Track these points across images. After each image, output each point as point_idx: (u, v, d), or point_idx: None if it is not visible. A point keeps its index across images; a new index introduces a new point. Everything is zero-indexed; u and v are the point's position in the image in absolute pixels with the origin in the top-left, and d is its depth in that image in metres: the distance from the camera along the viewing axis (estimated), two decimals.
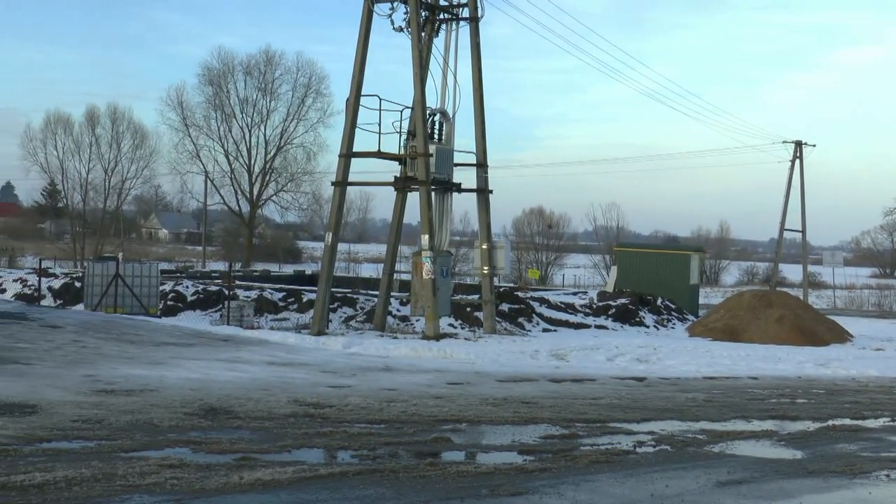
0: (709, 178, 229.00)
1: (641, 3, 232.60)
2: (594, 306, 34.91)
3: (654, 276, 41.09)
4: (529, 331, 29.77)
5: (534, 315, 31.48)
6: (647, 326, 33.82)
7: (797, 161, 57.75)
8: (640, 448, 9.98)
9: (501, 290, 33.91)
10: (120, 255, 41.36)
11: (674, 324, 35.22)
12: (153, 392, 11.94)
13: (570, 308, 33.98)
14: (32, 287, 39.29)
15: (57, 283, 39.87)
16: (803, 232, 59.43)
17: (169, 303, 34.30)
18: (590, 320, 33.00)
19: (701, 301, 47.13)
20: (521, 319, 30.75)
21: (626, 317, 33.95)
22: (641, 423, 11.64)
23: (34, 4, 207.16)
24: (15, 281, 42.29)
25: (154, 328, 21.39)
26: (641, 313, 34.82)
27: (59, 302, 36.94)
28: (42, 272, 39.79)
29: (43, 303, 35.12)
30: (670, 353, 23.32)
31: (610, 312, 34.11)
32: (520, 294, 34.63)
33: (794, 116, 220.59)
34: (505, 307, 30.79)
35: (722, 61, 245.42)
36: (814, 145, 58.25)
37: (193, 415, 10.45)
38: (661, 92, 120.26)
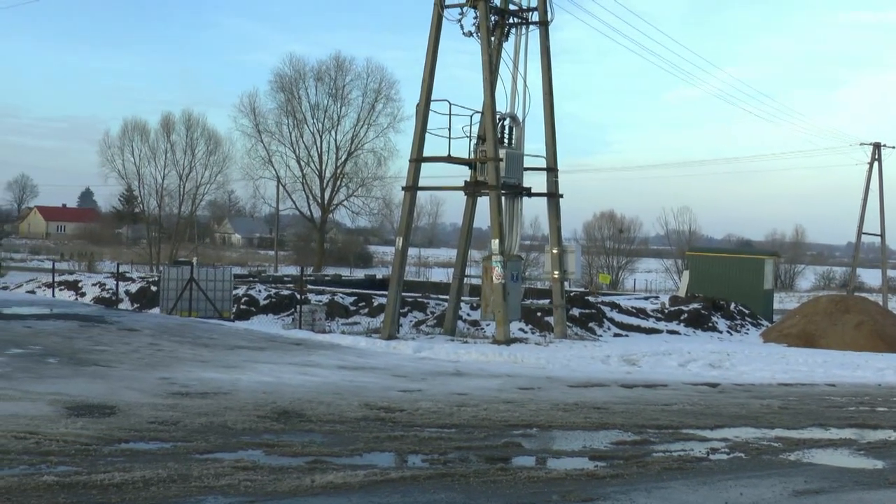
0: (783, 182, 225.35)
1: (715, 6, 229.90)
2: (666, 311, 34.56)
3: (727, 281, 40.53)
4: (600, 336, 29.56)
5: (605, 320, 31.26)
6: (720, 332, 33.37)
7: (876, 163, 56.61)
8: (714, 455, 9.84)
9: (572, 294, 33.72)
10: (194, 260, 41.83)
11: (747, 329, 34.71)
12: (227, 395, 12.09)
13: (641, 313, 33.67)
14: (110, 291, 40.04)
15: (134, 287, 40.58)
16: (882, 236, 58.22)
17: (242, 307, 34.71)
18: (661, 325, 32.67)
19: (775, 306, 46.36)
20: (591, 324, 30.55)
21: (698, 322, 33.54)
22: (715, 430, 11.48)
23: (113, 15, 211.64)
24: (94, 285, 43.14)
25: (227, 332, 21.66)
26: (714, 318, 34.38)
27: (135, 305, 37.59)
28: (119, 276, 40.52)
29: (120, 306, 35.75)
30: (744, 359, 22.98)
31: (682, 317, 33.73)
32: (590, 298, 34.41)
33: (872, 118, 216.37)
34: (575, 312, 30.62)
35: (797, 63, 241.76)
36: (893, 147, 57.09)
37: (266, 418, 10.55)
38: (735, 94, 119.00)
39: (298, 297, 33.82)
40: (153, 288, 38.50)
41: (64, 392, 11.54)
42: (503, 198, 25.79)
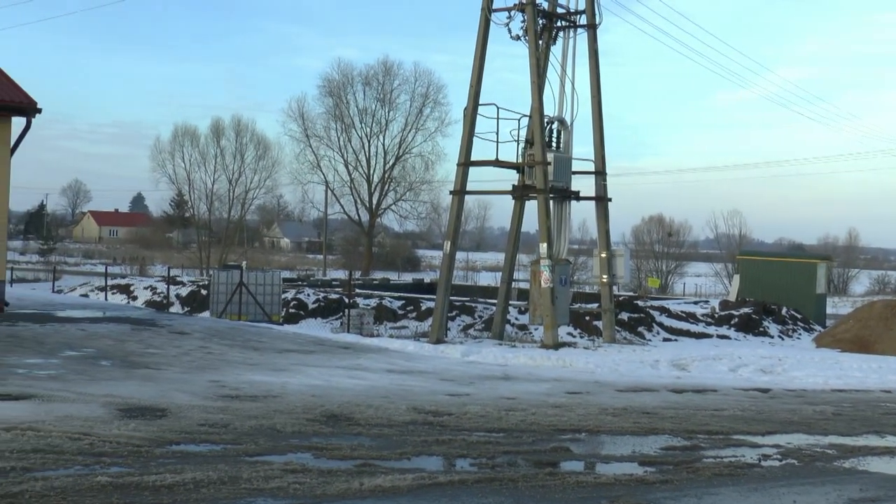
0: (836, 184, 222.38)
1: (765, 7, 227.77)
2: (716, 315, 34.26)
3: (778, 285, 40.09)
4: (649, 340, 29.39)
5: (654, 324, 31.07)
6: (772, 337, 33.02)
7: None
8: (766, 461, 9.73)
9: (621, 298, 33.55)
10: (244, 264, 42.23)
11: (799, 334, 34.30)
12: (276, 398, 12.17)
13: (690, 317, 33.41)
14: (161, 294, 40.50)
15: (184, 291, 41.00)
16: None
17: (291, 310, 34.94)
18: (711, 330, 32.40)
19: (828, 311, 45.76)
20: (640, 328, 30.38)
21: (749, 326, 33.22)
22: (766, 436, 11.35)
23: (164, 22, 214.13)
24: (146, 288, 43.66)
25: (277, 335, 21.80)
26: (765, 323, 34.03)
27: (186, 309, 37.96)
28: (170, 280, 40.98)
29: (171, 310, 36.14)
30: (796, 364, 22.71)
31: (732, 322, 33.43)
32: (639, 303, 34.21)
33: None
34: (624, 316, 30.46)
35: (848, 64, 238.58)
36: None
37: (315, 421, 10.61)
38: (786, 97, 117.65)
39: (347, 300, 33.99)
40: (203, 292, 38.88)
41: (116, 394, 11.68)
42: (551, 201, 25.73)
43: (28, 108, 22.18)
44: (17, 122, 22.47)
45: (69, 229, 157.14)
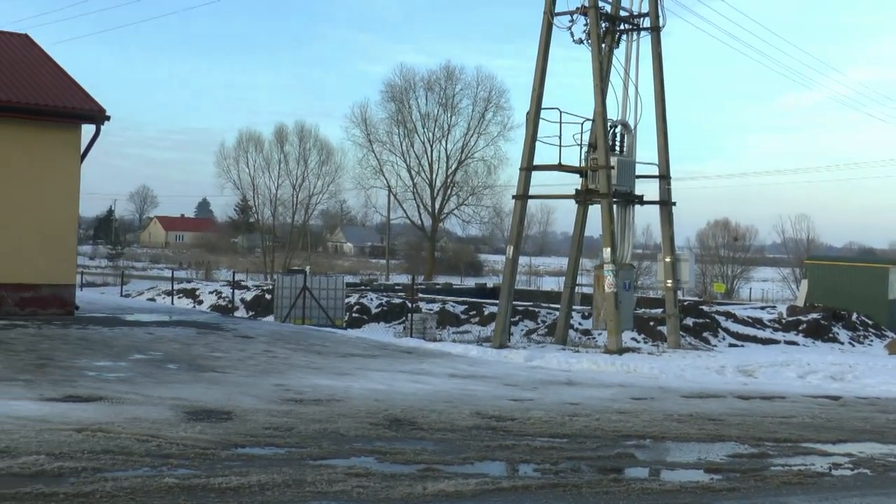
0: None
1: (832, 8, 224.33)
2: (783, 321, 33.75)
3: (848, 291, 39.38)
4: (715, 346, 29.04)
5: (719, 330, 30.70)
6: (841, 343, 32.43)
7: None
8: (836, 470, 9.55)
9: (685, 303, 33.22)
10: (307, 269, 42.55)
11: (871, 341, 33.65)
12: (340, 402, 12.23)
13: (757, 323, 32.96)
14: (226, 299, 40.97)
15: (249, 295, 41.44)
16: None
17: (354, 315, 35.12)
18: (778, 336, 31.92)
19: None
20: (705, 334, 30.04)
21: (817, 332, 32.66)
22: (837, 445, 11.13)
23: (228, 30, 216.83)
24: (211, 293, 44.19)
25: (340, 340, 21.92)
26: (835, 329, 33.43)
27: (250, 313, 38.34)
28: (235, 285, 41.43)
29: (236, 314, 36.51)
30: (868, 371, 22.26)
31: (800, 328, 32.90)
32: (704, 308, 33.84)
33: None
34: (689, 321, 30.14)
35: None
36: None
37: (378, 425, 10.64)
38: (856, 98, 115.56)
39: (409, 305, 34.08)
40: (267, 296, 39.23)
41: (183, 397, 11.83)
42: (615, 206, 25.55)
43: (97, 116, 22.58)
44: (87, 130, 22.92)
45: (137, 234, 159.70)
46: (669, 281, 27.30)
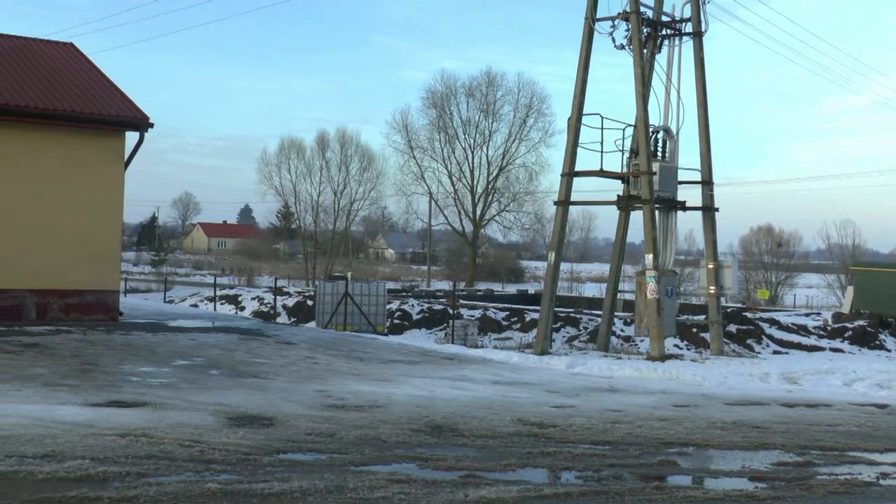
0: None
1: (878, 10, 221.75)
2: (828, 328, 33.38)
3: (895, 297, 38.85)
4: (758, 353, 28.78)
5: (763, 336, 30.43)
6: (889, 350, 32.00)
7: None
8: (884, 480, 9.39)
9: (729, 310, 32.95)
10: (349, 275, 42.73)
11: None
12: (381, 408, 12.24)
13: (801, 330, 32.63)
14: (268, 305, 41.21)
15: (290, 302, 41.66)
16: None
17: (395, 321, 35.20)
18: (824, 343, 31.57)
19: None
20: (749, 341, 29.79)
21: (864, 340, 32.27)
22: (885, 454, 10.96)
23: (271, 37, 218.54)
24: (253, 299, 44.50)
25: (381, 346, 21.95)
26: (882, 336, 33.00)
27: (292, 319, 38.54)
28: (277, 291, 41.67)
29: (278, 320, 36.72)
30: None
31: (846, 335, 32.52)
32: (748, 315, 33.56)
33: None
34: (732, 328, 29.91)
35: None
36: None
37: (420, 431, 10.63)
38: None
39: (451, 311, 34.09)
40: (309, 302, 39.44)
41: (225, 403, 11.89)
42: (657, 212, 25.42)
43: (141, 123, 22.81)
44: (131, 137, 23.16)
45: (179, 241, 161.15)
46: (712, 287, 27.10)
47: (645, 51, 26.07)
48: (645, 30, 26.19)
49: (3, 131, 21.55)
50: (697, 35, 26.90)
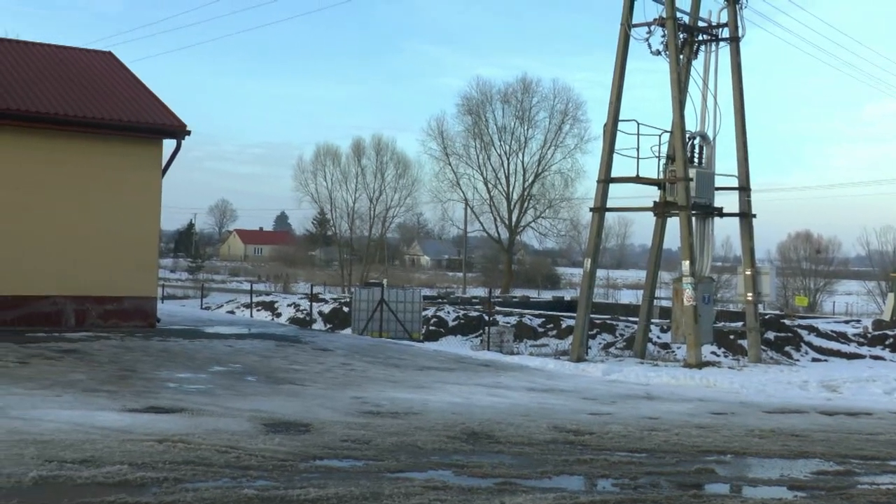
0: None
1: None
2: (869, 335, 33.00)
3: None
4: (797, 360, 28.51)
5: (801, 344, 30.14)
6: None
7: None
8: None
9: (766, 317, 32.67)
10: (384, 282, 42.81)
11: None
12: (417, 415, 12.24)
13: (841, 337, 32.28)
14: (304, 312, 41.34)
15: (326, 308, 41.77)
16: None
17: (431, 328, 35.19)
18: (864, 350, 31.20)
19: None
20: (787, 348, 29.52)
21: None
22: None
23: (308, 45, 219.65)
24: (289, 306, 44.66)
25: (417, 353, 21.96)
26: None
27: (328, 326, 38.64)
28: (313, 297, 41.78)
29: (314, 327, 36.82)
30: None
31: (887, 342, 32.12)
32: (786, 322, 33.26)
33: None
34: (770, 335, 29.65)
35: None
36: None
37: (455, 438, 10.62)
38: None
39: (486, 318, 34.03)
40: (345, 309, 39.52)
41: (262, 409, 11.94)
42: (693, 218, 25.25)
43: (178, 131, 23.00)
44: (168, 144, 23.35)
45: (216, 248, 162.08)
46: (750, 294, 26.87)
47: (681, 56, 25.93)
48: (681, 35, 26.05)
49: (43, 139, 21.81)
50: (734, 40, 26.72)
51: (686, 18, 26.46)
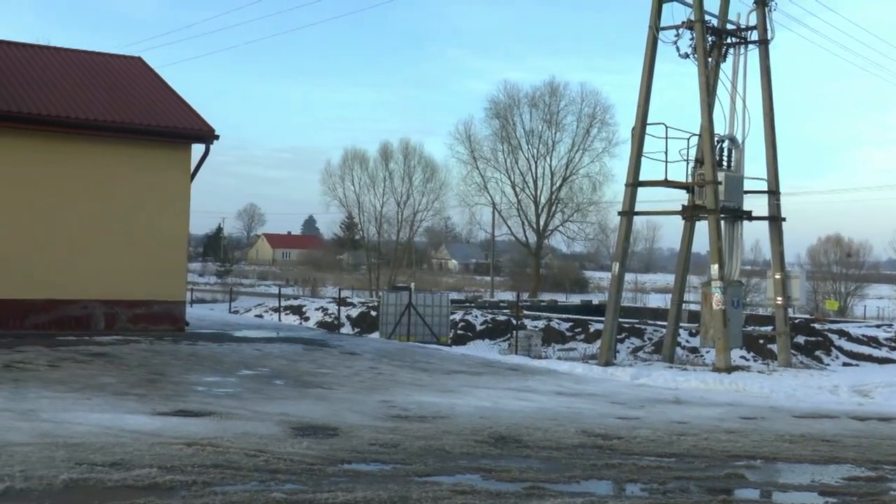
0: None
1: None
2: None
3: None
4: (827, 365, 28.30)
5: (832, 348, 29.93)
6: None
7: None
8: None
9: (796, 321, 32.46)
10: (412, 286, 42.86)
11: None
12: (445, 419, 12.23)
13: (872, 341, 32.02)
14: (332, 315, 41.48)
15: (354, 312, 41.89)
16: None
17: (459, 332, 35.22)
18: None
19: None
20: (818, 352, 29.32)
21: None
22: None
23: (337, 50, 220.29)
24: (317, 310, 44.83)
25: (445, 357, 21.96)
26: None
27: (356, 330, 38.73)
28: (341, 301, 41.91)
29: (342, 331, 36.93)
30: None
31: None
32: (816, 326, 33.03)
33: None
34: (800, 339, 29.46)
35: None
36: None
37: (483, 442, 10.60)
38: None
39: (514, 322, 34.00)
40: (373, 313, 39.60)
41: (290, 413, 11.98)
42: (722, 222, 25.11)
43: (207, 136, 23.12)
44: (197, 149, 23.46)
45: (244, 252, 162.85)
46: (779, 298, 26.70)
47: (710, 59, 25.81)
48: (710, 38, 25.93)
49: (73, 145, 21.99)
50: (763, 43, 26.57)
51: (714, 21, 26.34)
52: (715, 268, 24.45)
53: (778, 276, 26.82)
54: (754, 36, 26.66)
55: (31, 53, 25.43)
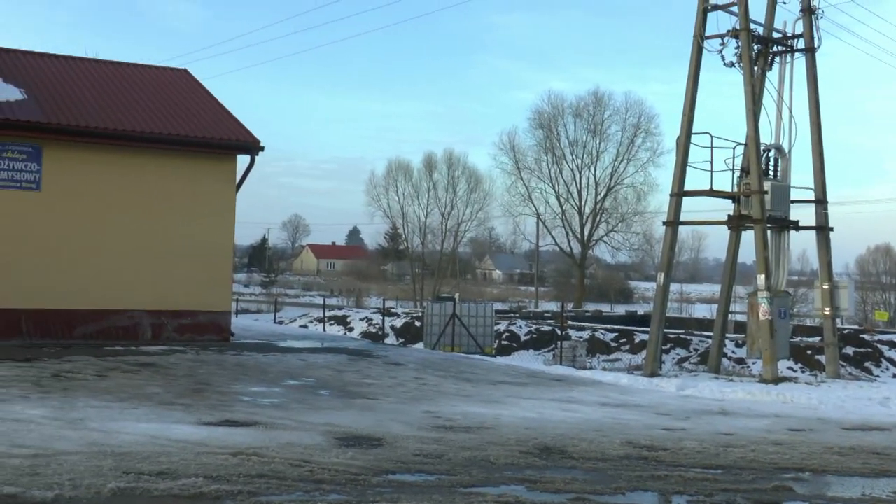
0: None
1: None
2: None
3: None
4: (877, 376, 27.91)
5: (882, 359, 29.52)
6: None
7: None
8: None
9: (845, 332, 32.05)
10: (456, 296, 42.87)
11: None
12: (489, 430, 12.20)
13: None
14: (377, 326, 41.57)
15: (398, 323, 41.96)
16: None
17: (503, 342, 35.15)
18: None
19: None
20: (867, 364, 28.93)
21: None
22: None
23: (383, 62, 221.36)
24: (361, 320, 44.95)
25: (490, 367, 21.92)
26: None
27: (400, 340, 38.78)
28: (385, 312, 42.00)
29: (386, 341, 36.99)
30: None
31: None
32: (865, 337, 32.58)
33: None
34: (849, 350, 29.09)
35: None
36: None
37: (528, 453, 10.57)
38: None
39: (559, 332, 33.88)
40: (417, 323, 39.64)
41: (335, 423, 12.01)
42: (769, 232, 24.88)
43: (252, 147, 23.30)
44: (242, 160, 23.64)
45: (289, 262, 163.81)
46: (827, 309, 26.38)
47: (755, 68, 25.61)
48: (755, 47, 25.74)
49: (121, 156, 22.25)
50: (810, 51, 26.33)
51: (760, 30, 26.14)
52: (761, 278, 24.22)
53: (826, 287, 26.51)
54: (801, 44, 26.42)
55: (84, 67, 25.80)
